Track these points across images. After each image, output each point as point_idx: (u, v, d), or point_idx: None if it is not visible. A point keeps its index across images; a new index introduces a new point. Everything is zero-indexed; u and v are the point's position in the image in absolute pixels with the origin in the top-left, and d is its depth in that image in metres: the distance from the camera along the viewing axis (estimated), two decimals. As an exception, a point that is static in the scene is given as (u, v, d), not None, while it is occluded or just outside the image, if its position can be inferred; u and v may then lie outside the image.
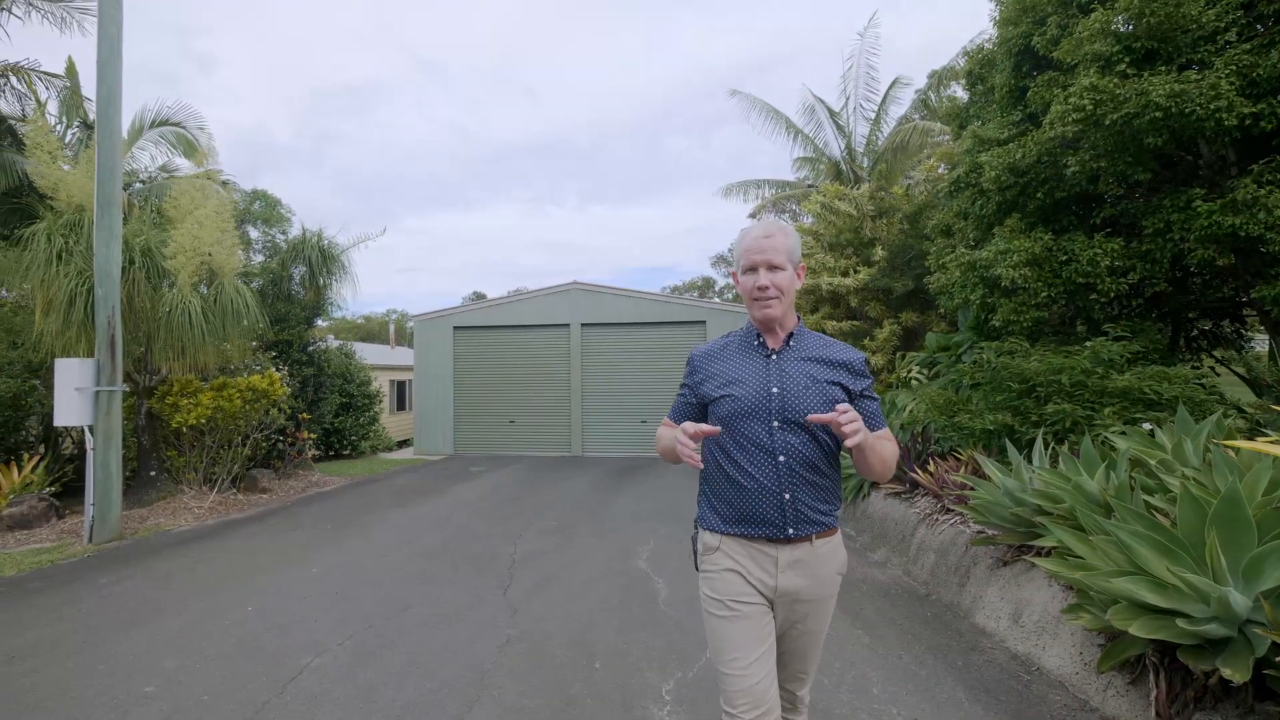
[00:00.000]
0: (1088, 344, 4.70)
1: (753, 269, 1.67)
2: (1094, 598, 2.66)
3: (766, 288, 1.64)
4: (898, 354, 8.51)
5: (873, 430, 1.65)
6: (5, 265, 6.87)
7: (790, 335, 1.71)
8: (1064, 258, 5.08)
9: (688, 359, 1.86)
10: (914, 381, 7.54)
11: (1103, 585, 2.50)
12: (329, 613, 4.06)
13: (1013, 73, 5.57)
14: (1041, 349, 5.18)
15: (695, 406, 1.79)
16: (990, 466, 3.97)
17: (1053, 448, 4.06)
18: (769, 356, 1.70)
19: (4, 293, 8.96)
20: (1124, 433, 3.71)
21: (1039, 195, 5.19)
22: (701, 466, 1.67)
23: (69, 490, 7.89)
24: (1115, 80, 4.15)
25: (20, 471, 7.40)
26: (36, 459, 7.66)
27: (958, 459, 5.36)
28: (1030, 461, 3.92)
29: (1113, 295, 4.86)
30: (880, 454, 1.63)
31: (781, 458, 1.61)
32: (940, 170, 9.32)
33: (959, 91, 13.02)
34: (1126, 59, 4.25)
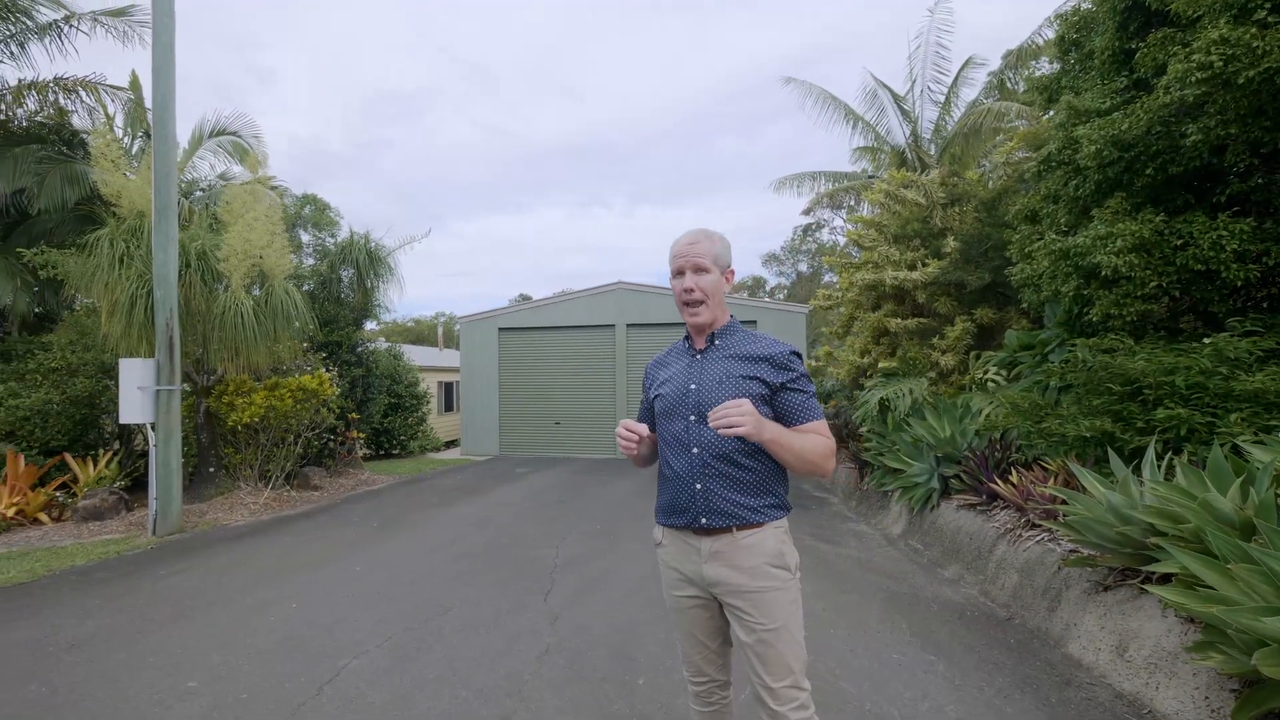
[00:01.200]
0: (1207, 340, 4.15)
1: (680, 273, 1.78)
2: (1231, 636, 2.25)
3: (692, 290, 1.75)
4: (971, 354, 7.92)
5: (794, 423, 1.71)
6: (75, 271, 7.21)
7: (714, 335, 1.82)
8: (1178, 242, 4.50)
9: (645, 370, 2.04)
10: (990, 384, 6.98)
11: (1246, 623, 2.10)
12: (370, 612, 4.06)
13: (1117, 33, 5.00)
14: (1148, 346, 4.64)
15: (648, 410, 1.96)
16: (1089, 478, 3.53)
17: (1169, 459, 3.58)
18: (694, 356, 1.84)
19: (79, 297, 9.49)
20: (1261, 442, 3.21)
21: (1148, 172, 4.63)
22: (633, 452, 1.80)
23: (140, 484, 8.27)
24: (1252, 31, 3.60)
25: (95, 466, 7.83)
26: (110, 454, 8.06)
27: (1044, 469, 4.88)
28: (1139, 473, 3.45)
29: (1239, 284, 4.27)
30: (793, 448, 1.64)
31: (695, 450, 1.73)
32: (1019, 154, 8.64)
33: (1040, 70, 12.21)
34: (1267, 5, 3.68)
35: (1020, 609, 3.95)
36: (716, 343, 1.81)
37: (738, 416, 1.52)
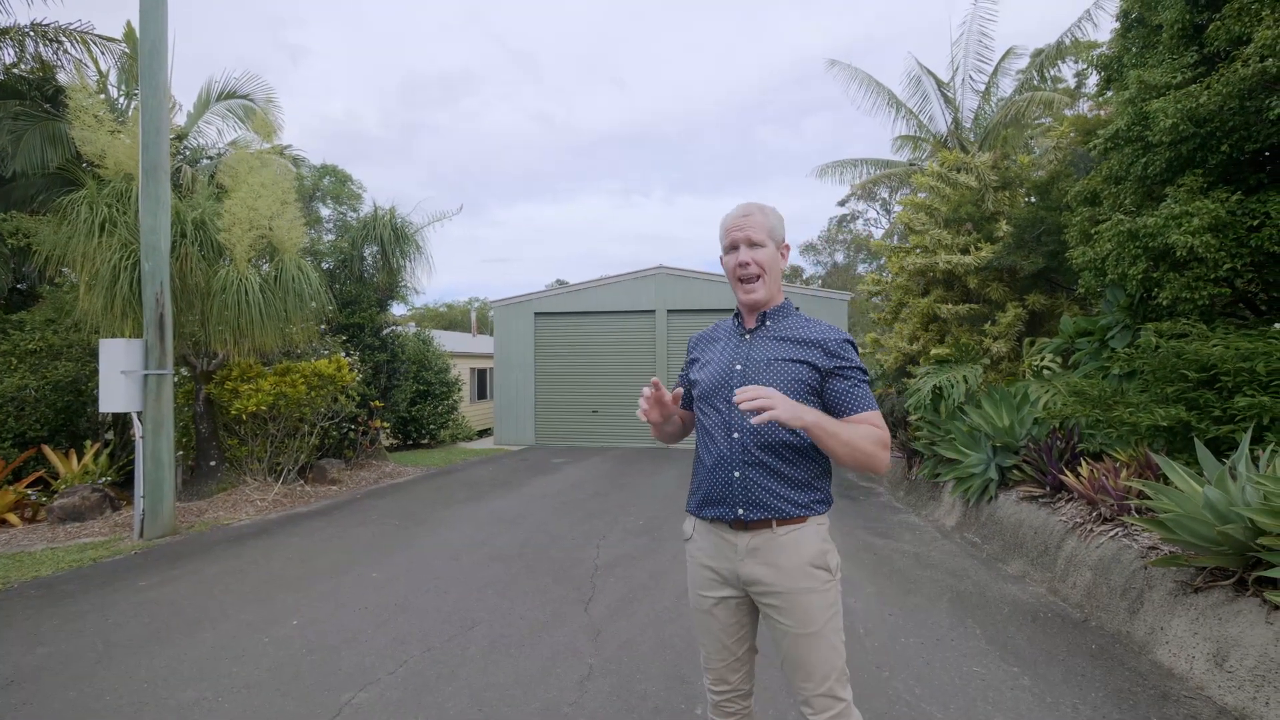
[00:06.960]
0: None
1: (734, 247, 1.67)
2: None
3: (748, 264, 1.64)
4: (1024, 340, 7.59)
5: (845, 414, 1.58)
6: (47, 239, 6.27)
7: (765, 315, 1.70)
8: (1253, 222, 4.24)
9: (688, 342, 1.92)
10: (1046, 371, 6.68)
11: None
12: (384, 630, 3.57)
13: (1186, 6, 4.67)
14: (1221, 331, 4.35)
15: (685, 388, 1.83)
16: (1177, 472, 3.29)
17: (1272, 450, 3.31)
18: (743, 336, 1.72)
19: (67, 272, 8.21)
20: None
21: (1224, 148, 4.33)
22: (646, 419, 1.66)
23: (134, 479, 7.73)
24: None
25: (80, 460, 7.00)
26: (97, 447, 7.26)
27: (1113, 459, 4.62)
28: (1230, 465, 3.20)
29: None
30: (841, 437, 1.49)
31: (735, 434, 1.61)
32: (1071, 136, 8.23)
33: (1064, 71, 11.67)
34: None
35: (1096, 610, 3.74)
36: (768, 323, 1.69)
37: (766, 400, 1.41)
